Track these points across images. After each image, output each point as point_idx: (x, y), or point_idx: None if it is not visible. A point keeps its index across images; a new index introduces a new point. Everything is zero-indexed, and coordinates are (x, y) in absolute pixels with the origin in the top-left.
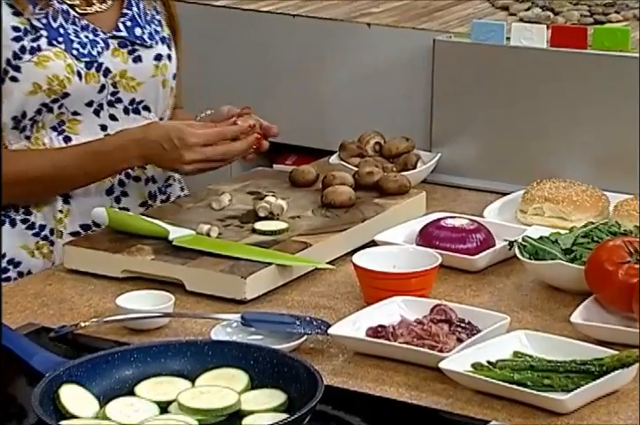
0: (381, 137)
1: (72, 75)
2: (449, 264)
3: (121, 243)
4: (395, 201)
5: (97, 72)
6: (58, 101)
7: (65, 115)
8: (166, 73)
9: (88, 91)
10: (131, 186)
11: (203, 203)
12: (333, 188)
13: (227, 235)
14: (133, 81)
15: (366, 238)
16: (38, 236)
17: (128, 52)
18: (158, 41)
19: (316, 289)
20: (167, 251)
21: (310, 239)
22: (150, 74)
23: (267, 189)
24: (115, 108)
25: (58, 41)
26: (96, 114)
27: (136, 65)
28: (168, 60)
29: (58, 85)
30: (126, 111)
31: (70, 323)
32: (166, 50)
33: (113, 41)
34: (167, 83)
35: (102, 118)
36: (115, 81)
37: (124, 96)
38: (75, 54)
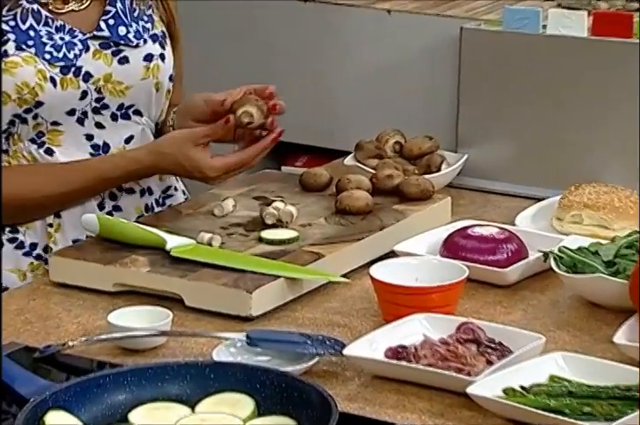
0: (402, 136)
1: (44, 82)
2: (477, 277)
3: (114, 254)
4: (417, 207)
5: (75, 77)
6: (32, 111)
7: (43, 126)
8: (158, 74)
9: (66, 99)
10: (125, 199)
11: (204, 209)
12: (348, 192)
13: (231, 245)
14: (120, 86)
15: (385, 248)
16: (30, 256)
17: (113, 53)
18: (147, 39)
19: (330, 305)
20: (165, 263)
21: (323, 249)
22: (139, 77)
23: (275, 193)
24: (102, 115)
25: (27, 44)
26: (79, 123)
27: (123, 67)
28: (161, 60)
29: (28, 93)
30: (114, 117)
31: (57, 342)
32: (158, 50)
33: (93, 42)
34: (162, 86)
35: (87, 126)
36: (99, 86)
37: (111, 101)
38: (48, 58)
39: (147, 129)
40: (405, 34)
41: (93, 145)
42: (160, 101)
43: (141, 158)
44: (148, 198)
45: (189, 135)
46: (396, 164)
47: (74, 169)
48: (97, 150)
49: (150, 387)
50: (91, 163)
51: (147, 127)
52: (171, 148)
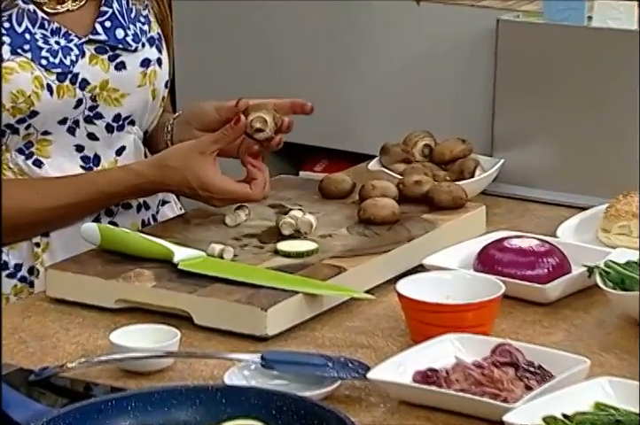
0: (432, 139)
1: (41, 90)
2: (515, 294)
3: (116, 267)
4: (449, 217)
5: (71, 84)
6: (25, 121)
7: (33, 136)
8: (155, 81)
9: (61, 107)
10: (121, 215)
11: (215, 218)
12: (373, 200)
13: (244, 258)
14: (116, 93)
15: (413, 262)
16: (14, 278)
17: (109, 59)
18: (145, 43)
19: (353, 324)
20: (172, 277)
21: (345, 263)
22: (136, 84)
23: (292, 201)
24: (95, 125)
25: (23, 49)
26: (70, 132)
27: (120, 73)
28: (158, 65)
29: (24, 102)
30: (109, 128)
31: (54, 364)
32: (155, 54)
33: (89, 46)
34: (158, 93)
35: (78, 137)
36: (95, 94)
37: (105, 110)
38: (45, 64)
39: (137, 138)
40: (435, 26)
41: (83, 157)
42: (154, 109)
43: (144, 172)
44: (145, 214)
45: (195, 144)
46: (425, 169)
47: (67, 183)
48: (87, 162)
49: (156, 413)
50: (88, 176)
51: (137, 136)
52: (177, 161)
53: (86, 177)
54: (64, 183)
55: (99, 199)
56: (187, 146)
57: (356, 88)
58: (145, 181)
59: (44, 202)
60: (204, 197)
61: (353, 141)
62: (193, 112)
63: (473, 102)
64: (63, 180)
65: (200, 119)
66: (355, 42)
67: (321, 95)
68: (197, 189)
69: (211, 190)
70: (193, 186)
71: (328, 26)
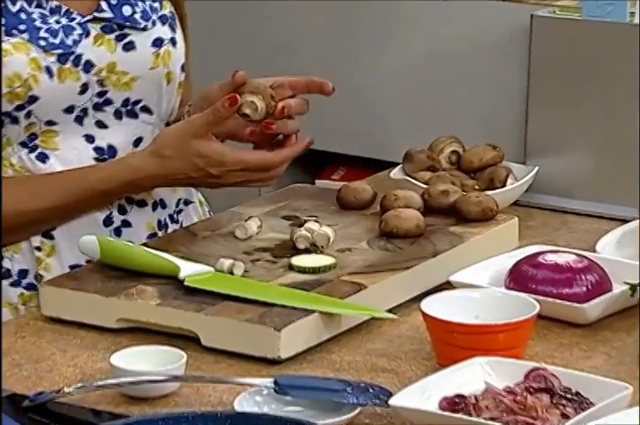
0: (460, 145)
1: (39, 72)
2: (551, 314)
3: (117, 283)
4: (478, 229)
5: (74, 66)
6: (24, 108)
7: (36, 126)
8: (169, 62)
9: (64, 93)
10: (135, 213)
11: (224, 230)
12: (396, 212)
13: (256, 274)
14: (125, 77)
15: (439, 279)
16: (19, 286)
17: (117, 38)
18: (155, 20)
19: (373, 346)
20: (178, 294)
21: (365, 279)
22: (148, 66)
23: (307, 212)
24: (103, 112)
25: (18, 29)
26: (78, 122)
27: (128, 54)
28: (172, 45)
29: (21, 86)
30: (118, 114)
31: (50, 389)
32: (168, 33)
33: (94, 25)
34: (173, 76)
35: (86, 126)
36: (102, 78)
37: (114, 95)
38: (43, 45)
39: (157, 130)
40: (464, 23)
41: (96, 148)
42: (171, 95)
43: (140, 166)
44: (161, 213)
45: (186, 128)
46: (453, 177)
47: (57, 180)
48: (101, 153)
49: None
50: (80, 172)
51: (157, 128)
52: (173, 149)
53: (77, 173)
54: (53, 180)
55: (92, 198)
56: (178, 131)
57: (378, 90)
58: (143, 176)
59: (31, 203)
60: (216, 176)
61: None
62: (201, 95)
63: (505, 105)
64: (53, 176)
65: (208, 101)
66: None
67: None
68: (206, 167)
69: (223, 162)
70: (201, 166)
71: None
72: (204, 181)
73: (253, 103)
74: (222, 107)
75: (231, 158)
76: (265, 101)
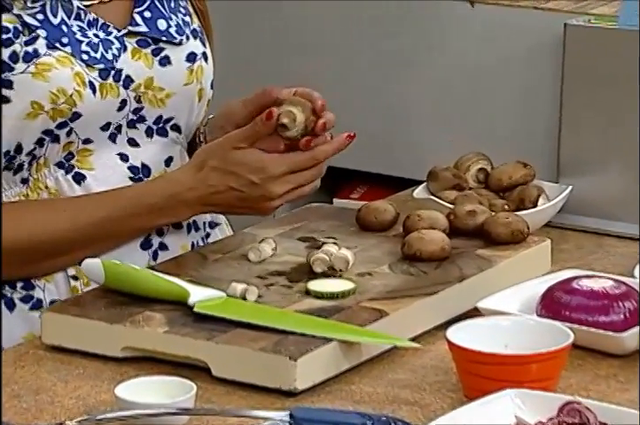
0: (488, 162)
1: (83, 88)
2: (586, 343)
3: (123, 310)
4: (507, 252)
5: (115, 82)
6: (67, 125)
7: (74, 145)
8: (202, 78)
9: (104, 109)
10: (171, 236)
11: (236, 253)
12: (419, 233)
13: (270, 299)
14: (161, 93)
15: (466, 305)
16: None
17: (153, 53)
18: (189, 35)
19: (396, 377)
20: (187, 321)
21: (387, 305)
22: (182, 82)
23: (325, 233)
24: (136, 129)
25: (61, 42)
26: (112, 140)
27: (165, 69)
28: (204, 61)
29: (65, 103)
30: (149, 132)
31: (51, 422)
32: (200, 47)
33: (129, 39)
34: (204, 94)
35: (119, 144)
36: (139, 94)
37: (148, 112)
38: (86, 59)
39: (183, 150)
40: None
41: (131, 167)
42: (200, 113)
43: (181, 179)
44: (194, 235)
45: (226, 141)
46: (480, 197)
47: (96, 198)
48: (136, 172)
49: None
50: (118, 189)
51: (183, 148)
52: (215, 160)
53: (116, 190)
54: (92, 199)
55: (134, 214)
56: (219, 145)
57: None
58: (185, 189)
59: (74, 220)
60: (260, 185)
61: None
62: (222, 112)
63: (536, 119)
64: (91, 195)
65: (230, 118)
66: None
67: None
68: (246, 175)
69: (263, 167)
70: (241, 174)
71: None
72: (249, 194)
73: (292, 112)
74: (260, 122)
75: (271, 161)
76: (305, 114)
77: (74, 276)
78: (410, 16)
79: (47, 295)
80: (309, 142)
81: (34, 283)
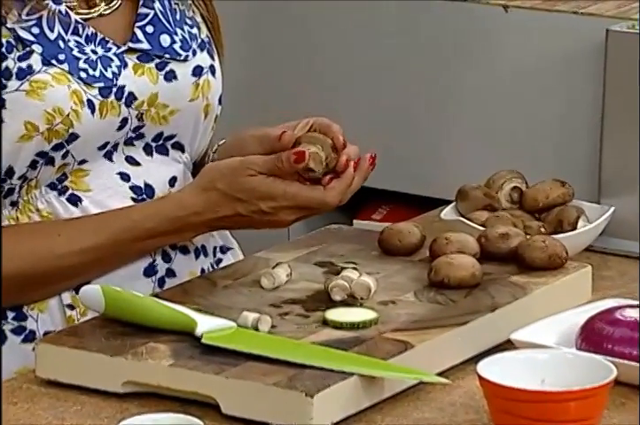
0: (522, 180)
1: (80, 107)
2: (630, 379)
3: (124, 341)
4: (544, 279)
5: (117, 100)
6: (63, 147)
7: (69, 166)
8: (209, 93)
9: (103, 129)
10: (179, 261)
11: (248, 279)
12: (447, 258)
13: (284, 330)
14: (165, 110)
15: (498, 337)
16: None
17: (157, 67)
18: (195, 49)
19: (422, 416)
20: (194, 354)
21: (412, 337)
22: (187, 97)
23: (345, 258)
24: (133, 146)
25: (58, 59)
26: (108, 158)
27: (170, 84)
28: (212, 74)
29: (62, 123)
30: (147, 149)
31: None
32: (207, 60)
33: (129, 56)
34: (211, 110)
35: (116, 162)
36: (142, 112)
37: (149, 130)
38: (84, 77)
39: (187, 170)
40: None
41: (133, 187)
42: (206, 130)
43: (186, 201)
44: (203, 261)
45: (240, 164)
46: (514, 218)
47: (95, 220)
48: (139, 193)
49: None
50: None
51: (188, 168)
52: (224, 183)
53: (117, 211)
54: (91, 220)
55: (136, 237)
56: (232, 168)
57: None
58: (190, 213)
59: (70, 244)
60: (268, 213)
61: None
62: (235, 142)
63: (575, 134)
64: (89, 217)
65: (241, 151)
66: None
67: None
68: (257, 202)
69: (276, 196)
70: (247, 199)
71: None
72: (259, 219)
73: (317, 154)
74: (287, 162)
75: (279, 192)
76: (325, 152)
77: (70, 305)
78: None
79: (41, 326)
80: (331, 181)
81: (26, 314)
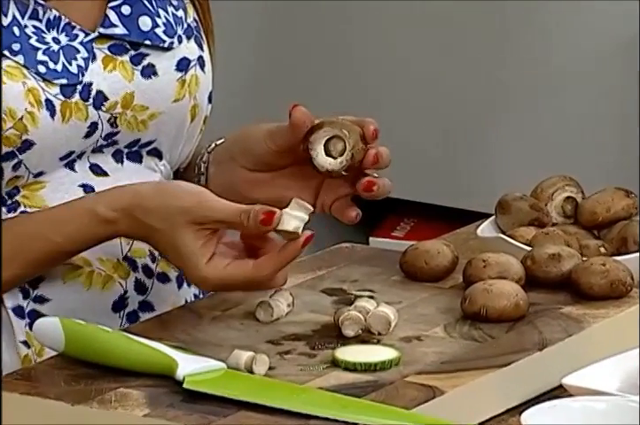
0: (577, 189)
1: (38, 109)
2: None
3: (88, 385)
4: (604, 311)
5: (83, 100)
6: (15, 157)
7: (22, 179)
8: (197, 92)
9: (66, 136)
10: (157, 291)
11: (241, 310)
12: (485, 284)
13: (285, 372)
14: (143, 113)
15: (547, 381)
16: None
17: (133, 61)
18: (181, 35)
19: None
20: (174, 401)
21: (441, 381)
22: (171, 97)
23: (359, 284)
24: (101, 154)
25: (12, 49)
26: (69, 167)
27: (149, 82)
28: (200, 68)
29: (14, 128)
30: (117, 156)
31: None
32: (195, 51)
33: (99, 45)
34: (199, 111)
35: (79, 172)
36: (115, 115)
37: (124, 136)
38: (43, 72)
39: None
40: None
41: None
42: (192, 136)
43: (114, 220)
44: (187, 291)
45: (191, 209)
46: (568, 236)
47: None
48: None
49: None
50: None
51: (165, 177)
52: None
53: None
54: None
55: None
56: (179, 207)
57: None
58: (115, 233)
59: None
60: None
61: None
62: (238, 139)
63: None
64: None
65: (247, 151)
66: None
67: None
68: (179, 262)
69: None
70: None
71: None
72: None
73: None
74: (253, 220)
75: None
76: (352, 140)
77: (25, 342)
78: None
79: None
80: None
81: None
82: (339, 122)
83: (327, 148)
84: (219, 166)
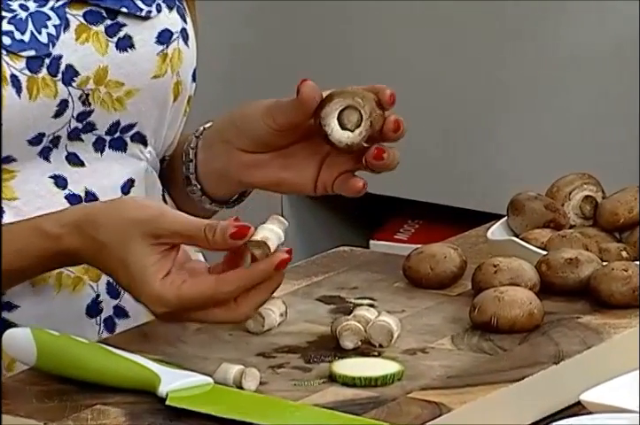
0: (597, 187)
1: (3, 86)
2: None
3: (63, 402)
4: (625, 321)
5: (51, 76)
6: None
7: None
8: (179, 67)
9: (34, 116)
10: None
11: None
12: (496, 292)
13: (277, 388)
14: (119, 90)
15: (565, 397)
16: None
17: (108, 32)
18: (160, 4)
19: None
20: (156, 419)
21: (448, 397)
22: (150, 73)
23: (359, 291)
24: (80, 142)
25: None
26: (44, 157)
27: (125, 55)
28: (184, 41)
29: None
30: (98, 145)
31: None
32: (178, 22)
33: (73, 11)
34: (183, 89)
35: (54, 162)
36: (87, 92)
37: (100, 118)
38: (8, 44)
39: (151, 169)
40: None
41: (70, 196)
42: (176, 117)
43: (54, 233)
44: None
45: (147, 221)
46: (586, 239)
47: None
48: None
49: None
50: None
51: (152, 166)
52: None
53: None
54: None
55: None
56: (133, 218)
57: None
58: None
59: None
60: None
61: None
62: (233, 119)
63: None
64: None
65: (243, 132)
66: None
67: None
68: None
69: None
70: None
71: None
72: None
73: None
74: (220, 234)
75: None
76: (368, 107)
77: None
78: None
79: None
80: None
81: None
82: (349, 91)
83: (341, 121)
84: (210, 151)
